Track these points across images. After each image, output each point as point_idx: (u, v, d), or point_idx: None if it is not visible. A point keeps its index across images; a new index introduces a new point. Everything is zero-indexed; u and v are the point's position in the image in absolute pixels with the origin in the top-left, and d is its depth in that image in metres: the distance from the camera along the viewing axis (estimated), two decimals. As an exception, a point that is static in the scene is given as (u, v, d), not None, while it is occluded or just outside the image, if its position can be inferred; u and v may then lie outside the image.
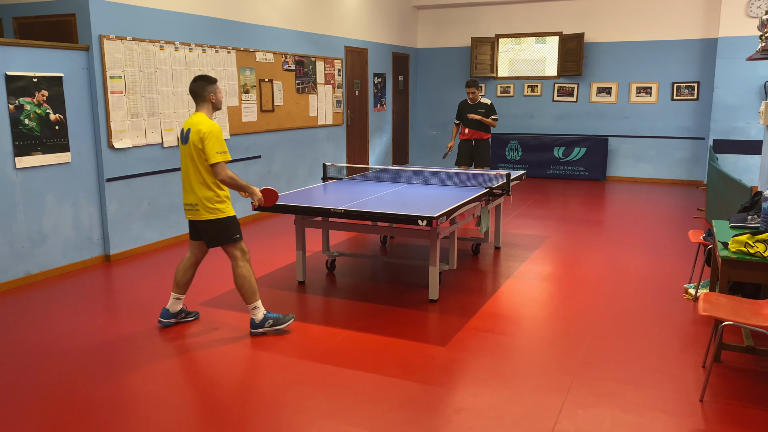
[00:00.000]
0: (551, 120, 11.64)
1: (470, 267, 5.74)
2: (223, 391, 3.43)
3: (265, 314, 4.13)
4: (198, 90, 4.00)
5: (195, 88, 4.01)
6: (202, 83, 4.00)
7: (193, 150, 3.92)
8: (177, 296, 4.28)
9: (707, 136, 10.36)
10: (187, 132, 3.96)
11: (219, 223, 4.02)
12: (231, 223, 4.06)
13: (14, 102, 5.05)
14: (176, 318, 4.33)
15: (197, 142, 3.88)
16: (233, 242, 4.06)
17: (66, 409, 3.22)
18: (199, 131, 3.88)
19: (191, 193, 4.01)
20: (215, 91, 4.03)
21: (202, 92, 3.99)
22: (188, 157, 3.98)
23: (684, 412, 3.16)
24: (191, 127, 3.93)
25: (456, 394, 3.36)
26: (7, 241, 5.12)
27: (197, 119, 3.94)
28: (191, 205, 4.04)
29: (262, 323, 4.11)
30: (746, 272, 3.50)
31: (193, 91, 4.02)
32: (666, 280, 5.30)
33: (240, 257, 4.07)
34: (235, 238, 4.06)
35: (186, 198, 4.08)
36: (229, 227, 4.05)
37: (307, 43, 8.80)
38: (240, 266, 4.06)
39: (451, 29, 12.16)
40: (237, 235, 4.07)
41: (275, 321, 4.13)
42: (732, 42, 9.70)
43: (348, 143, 10.17)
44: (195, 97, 4.03)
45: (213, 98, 4.02)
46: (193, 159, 3.94)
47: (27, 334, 4.20)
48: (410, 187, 5.74)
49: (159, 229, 6.49)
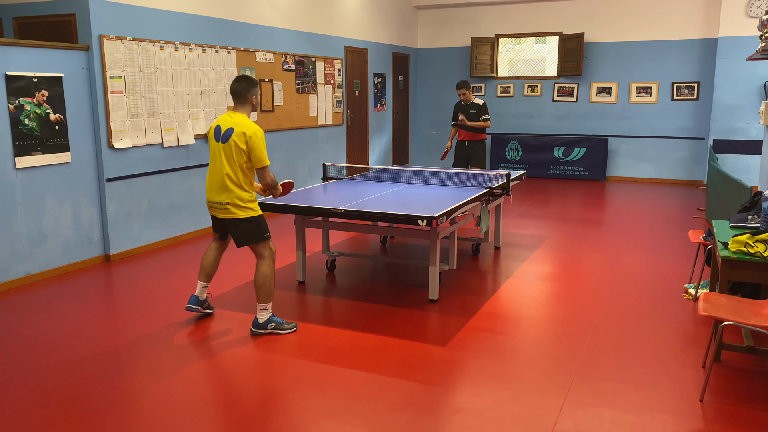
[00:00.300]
0: (551, 120, 11.64)
1: (470, 267, 5.74)
2: (223, 391, 3.43)
3: (270, 316, 4.14)
4: (241, 91, 4.00)
5: (238, 88, 4.01)
6: (246, 84, 4.02)
7: (234, 149, 3.91)
8: (204, 284, 4.37)
9: (707, 136, 10.36)
10: (228, 131, 3.92)
11: (252, 222, 4.05)
12: (262, 221, 4.11)
13: (14, 102, 5.05)
14: (202, 306, 4.39)
15: (241, 143, 3.88)
16: (264, 240, 4.10)
17: (66, 409, 3.22)
18: (244, 133, 3.89)
19: (224, 191, 3.98)
20: (257, 93, 4.07)
21: (245, 93, 4.01)
22: (224, 156, 3.94)
23: (684, 412, 3.16)
24: (234, 127, 3.91)
25: (456, 394, 3.36)
26: (7, 241, 5.12)
27: (240, 120, 3.94)
28: (221, 203, 4.02)
29: (264, 324, 4.12)
30: (746, 272, 3.50)
31: (235, 91, 4.02)
32: (666, 280, 5.30)
33: (268, 256, 4.11)
34: (267, 236, 4.11)
35: (215, 196, 4.03)
36: (261, 225, 4.09)
37: (307, 43, 8.80)
38: (267, 265, 4.10)
39: (451, 29, 12.16)
40: (267, 233, 4.12)
41: (278, 325, 4.15)
42: (732, 42, 9.70)
43: (348, 143, 10.17)
44: (236, 98, 4.03)
45: (254, 100, 4.07)
46: (231, 158, 3.92)
47: (27, 335, 4.20)
48: (410, 187, 5.74)
49: (159, 229, 6.49)
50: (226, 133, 3.94)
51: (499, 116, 11.83)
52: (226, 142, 3.93)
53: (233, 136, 3.90)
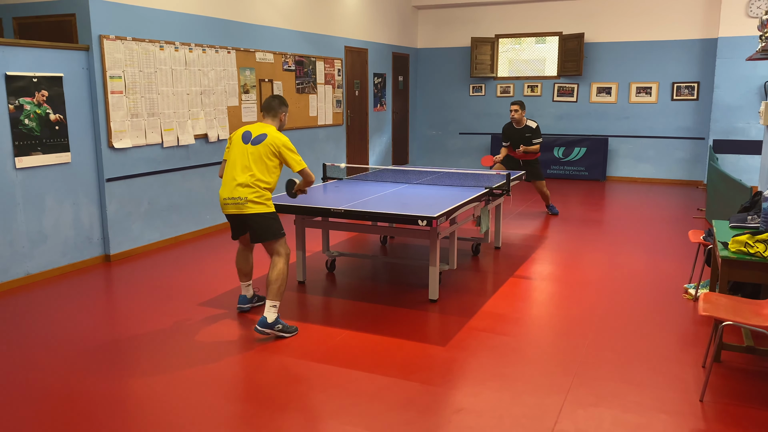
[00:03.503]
0: (551, 120, 11.64)
1: (470, 267, 5.74)
2: (222, 391, 3.43)
3: (278, 317, 4.16)
4: (275, 106, 4.36)
5: (273, 104, 4.37)
6: (279, 102, 4.39)
7: (266, 152, 4.17)
8: (247, 283, 4.64)
9: (707, 136, 10.35)
10: (261, 136, 4.20)
11: (268, 217, 4.21)
12: (278, 219, 4.30)
13: (14, 102, 5.05)
14: (251, 303, 4.67)
15: (274, 148, 4.17)
16: (280, 236, 4.24)
17: (66, 409, 3.22)
18: (278, 138, 4.19)
19: (244, 188, 4.13)
20: (286, 112, 4.43)
21: (277, 110, 4.36)
22: (253, 157, 4.16)
23: (684, 412, 3.16)
24: (267, 133, 4.21)
25: (456, 394, 3.36)
26: (7, 241, 5.12)
27: (270, 130, 4.25)
28: (238, 198, 4.14)
29: (272, 325, 4.12)
30: (746, 272, 3.50)
31: (269, 105, 4.37)
32: (666, 280, 5.30)
33: (284, 254, 4.25)
34: (282, 233, 4.26)
35: (232, 192, 4.16)
36: (277, 222, 4.26)
37: (307, 43, 8.80)
38: (284, 262, 4.23)
39: (451, 29, 12.16)
40: (283, 231, 4.28)
41: (284, 328, 4.17)
42: (732, 42, 9.70)
43: (348, 143, 10.17)
44: (269, 111, 4.37)
45: (283, 117, 4.42)
46: (260, 159, 4.17)
47: (27, 335, 4.20)
48: (410, 187, 5.74)
49: (159, 229, 6.49)
50: (259, 137, 4.20)
51: (499, 116, 11.83)
52: (257, 145, 4.18)
53: (267, 141, 4.18)
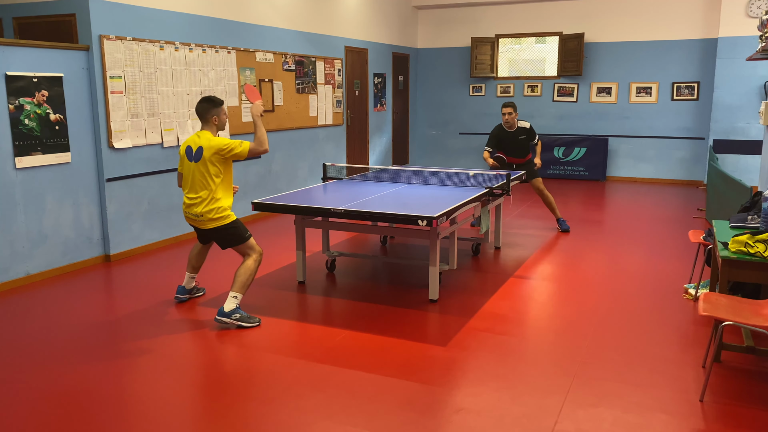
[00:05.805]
0: (551, 120, 11.64)
1: (470, 267, 5.74)
2: (222, 390, 3.43)
3: (237, 307, 4.25)
4: (202, 112, 4.25)
5: (199, 110, 4.26)
6: (206, 105, 4.24)
7: (207, 165, 4.15)
8: (191, 275, 4.74)
9: (707, 136, 10.35)
10: (198, 150, 4.19)
11: (229, 228, 4.28)
12: (239, 224, 4.33)
13: (14, 102, 5.05)
14: (190, 294, 4.78)
15: (212, 157, 4.13)
16: (246, 240, 4.31)
17: (66, 409, 3.22)
18: (211, 147, 4.15)
19: (200, 205, 4.22)
20: (218, 113, 4.27)
21: (205, 114, 4.25)
22: (199, 173, 4.19)
23: (684, 412, 3.16)
24: (202, 145, 4.17)
25: (456, 394, 3.36)
26: (7, 241, 5.12)
27: (205, 139, 4.19)
28: (196, 215, 4.26)
29: (230, 314, 4.22)
30: (746, 272, 3.50)
31: (198, 112, 4.29)
32: (666, 280, 5.30)
33: (256, 252, 4.33)
34: (248, 236, 4.32)
35: (189, 209, 4.29)
36: (239, 228, 4.32)
37: (307, 43, 8.80)
38: (254, 260, 4.31)
39: (451, 29, 12.16)
40: (248, 233, 4.33)
41: (242, 318, 4.25)
42: (732, 42, 9.70)
43: (348, 143, 10.16)
44: (200, 118, 4.29)
45: (216, 120, 4.28)
46: (205, 174, 4.16)
47: (27, 334, 4.20)
48: (410, 187, 5.74)
49: (159, 229, 6.49)
50: (197, 152, 4.21)
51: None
52: (198, 162, 4.19)
53: (203, 154, 4.16)
